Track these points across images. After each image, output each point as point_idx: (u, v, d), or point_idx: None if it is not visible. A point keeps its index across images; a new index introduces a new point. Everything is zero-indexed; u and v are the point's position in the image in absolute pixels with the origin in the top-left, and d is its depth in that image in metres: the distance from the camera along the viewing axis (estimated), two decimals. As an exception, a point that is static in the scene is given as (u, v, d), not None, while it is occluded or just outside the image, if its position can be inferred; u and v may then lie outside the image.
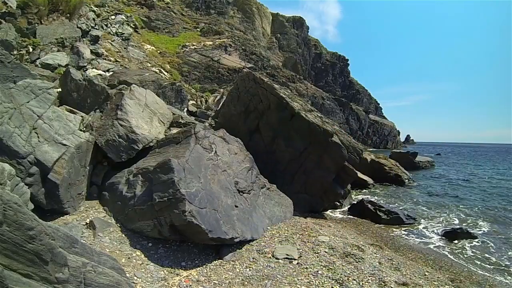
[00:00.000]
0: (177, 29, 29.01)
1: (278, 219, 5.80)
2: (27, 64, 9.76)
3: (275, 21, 51.47)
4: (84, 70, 11.57)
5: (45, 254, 1.90)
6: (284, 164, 7.84)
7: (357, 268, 4.00)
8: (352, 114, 47.77)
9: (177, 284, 3.34)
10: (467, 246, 6.52)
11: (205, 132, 5.64)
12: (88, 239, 3.93)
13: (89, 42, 14.40)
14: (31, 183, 4.13)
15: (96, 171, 5.57)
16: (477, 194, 13.10)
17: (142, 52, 19.47)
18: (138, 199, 4.43)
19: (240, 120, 8.51)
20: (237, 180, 5.39)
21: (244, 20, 43.04)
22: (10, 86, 4.83)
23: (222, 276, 3.62)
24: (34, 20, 12.24)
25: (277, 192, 6.68)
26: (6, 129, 4.17)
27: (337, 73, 55.54)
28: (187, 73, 23.43)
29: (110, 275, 2.41)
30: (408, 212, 9.17)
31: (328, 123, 8.29)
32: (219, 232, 3.97)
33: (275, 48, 46.39)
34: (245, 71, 11.85)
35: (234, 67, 26.98)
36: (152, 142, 5.98)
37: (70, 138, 4.90)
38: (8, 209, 1.78)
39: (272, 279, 3.58)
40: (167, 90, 12.96)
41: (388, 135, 56.08)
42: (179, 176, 4.09)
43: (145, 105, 6.68)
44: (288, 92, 9.64)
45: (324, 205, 7.94)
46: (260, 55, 33.11)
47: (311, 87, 40.75)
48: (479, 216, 9.18)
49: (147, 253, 3.92)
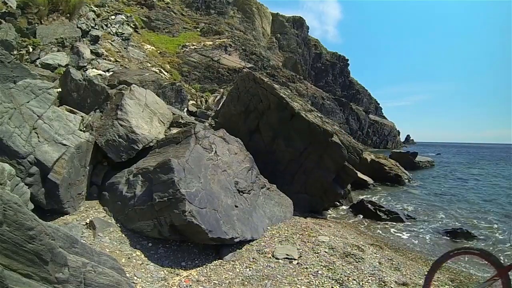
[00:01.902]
0: (177, 29, 29.00)
1: (278, 219, 5.80)
2: (27, 64, 9.75)
3: (275, 21, 51.45)
4: (84, 70, 11.57)
5: (45, 254, 1.90)
6: (284, 164, 7.84)
7: (357, 268, 4.00)
8: (352, 114, 47.77)
9: (177, 284, 3.33)
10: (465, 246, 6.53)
11: (205, 132, 5.63)
12: (88, 239, 3.93)
13: (89, 42, 14.40)
14: (31, 183, 4.13)
15: (96, 171, 5.57)
16: (477, 194, 13.10)
17: (142, 52, 19.47)
18: (138, 199, 4.43)
19: (240, 120, 8.51)
20: (237, 180, 5.39)
21: (244, 20, 43.03)
22: (10, 86, 4.83)
23: (222, 276, 3.62)
24: (34, 20, 12.24)
25: (277, 192, 6.67)
26: (6, 129, 4.17)
27: (337, 73, 55.51)
28: (187, 73, 23.43)
29: (110, 275, 2.41)
30: (408, 212, 9.18)
31: (328, 123, 8.28)
32: (219, 232, 3.97)
33: (275, 48, 46.37)
34: (245, 71, 11.84)
35: (234, 67, 26.97)
36: (152, 142, 5.98)
37: (70, 138, 4.90)
38: (8, 209, 1.78)
39: (272, 279, 3.58)
40: (167, 90, 12.96)
41: (388, 135, 56.08)
42: (179, 176, 4.09)
43: (145, 105, 6.68)
44: (288, 92, 9.64)
45: (324, 205, 7.94)
46: (260, 55, 33.10)
47: (311, 87, 40.75)
48: (479, 216, 9.18)
49: (147, 253, 3.92)
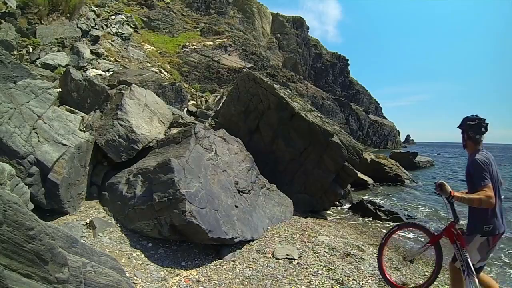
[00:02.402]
0: (177, 29, 29.02)
1: (278, 219, 5.80)
2: (27, 64, 9.76)
3: (275, 21, 51.45)
4: (84, 70, 11.57)
5: (45, 254, 1.90)
6: (284, 164, 7.84)
7: (357, 268, 4.00)
8: (352, 114, 47.78)
9: (177, 284, 3.33)
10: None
11: (205, 132, 5.63)
12: (88, 239, 3.93)
13: (89, 42, 14.41)
14: (31, 183, 4.13)
15: (96, 171, 5.57)
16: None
17: (142, 52, 19.47)
18: (138, 199, 4.43)
19: (240, 120, 8.51)
20: (237, 180, 5.39)
21: (244, 20, 43.03)
22: (10, 86, 4.83)
23: (222, 276, 3.62)
24: (34, 20, 12.25)
25: (277, 192, 6.67)
26: (6, 129, 4.17)
27: (337, 73, 55.51)
28: (187, 73, 23.43)
29: (110, 275, 2.41)
30: (408, 212, 9.17)
31: (328, 123, 8.28)
32: (219, 232, 3.97)
33: (275, 48, 46.38)
34: (245, 71, 11.84)
35: (234, 67, 26.98)
36: (152, 142, 5.98)
37: (70, 138, 4.90)
38: (8, 209, 1.78)
39: (272, 279, 3.57)
40: (167, 90, 12.97)
41: (388, 135, 56.11)
42: (179, 176, 4.09)
43: (145, 105, 6.68)
44: (288, 92, 9.63)
45: (324, 205, 7.93)
46: (260, 55, 33.11)
47: (311, 87, 40.78)
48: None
49: (147, 253, 3.92)
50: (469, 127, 2.79)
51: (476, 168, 2.59)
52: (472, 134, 2.78)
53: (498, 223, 2.60)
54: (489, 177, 2.54)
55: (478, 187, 2.51)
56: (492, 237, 2.61)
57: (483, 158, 2.63)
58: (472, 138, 2.78)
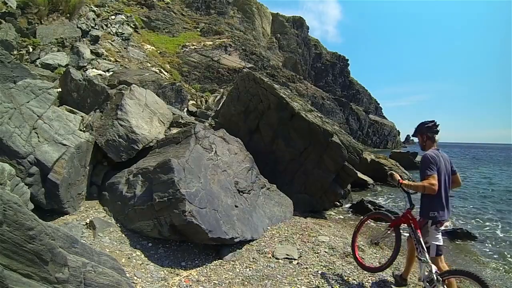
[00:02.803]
0: (177, 29, 29.03)
1: (278, 219, 5.80)
2: (27, 64, 9.76)
3: (275, 21, 51.46)
4: (84, 70, 11.58)
5: (45, 254, 1.90)
6: (284, 164, 7.84)
7: (357, 268, 4.00)
8: (352, 114, 47.77)
9: (177, 284, 3.33)
10: (467, 247, 6.52)
11: (205, 132, 5.63)
12: (88, 239, 3.93)
13: (89, 42, 14.41)
14: (31, 183, 4.13)
15: (96, 171, 5.57)
16: (476, 194, 13.10)
17: (142, 52, 19.48)
18: (138, 199, 4.43)
19: (240, 120, 8.51)
20: (237, 180, 5.38)
21: (244, 20, 43.03)
22: (10, 86, 4.83)
23: (222, 276, 3.62)
24: (34, 20, 12.25)
25: (277, 192, 6.67)
26: (6, 129, 4.17)
27: (337, 73, 55.51)
28: (187, 73, 23.44)
29: (110, 275, 2.41)
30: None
31: (328, 123, 8.28)
32: (219, 232, 3.97)
33: (275, 48, 46.38)
34: (245, 71, 11.84)
35: (234, 67, 26.98)
36: (152, 142, 5.98)
37: (70, 138, 4.90)
38: (8, 209, 1.78)
39: (272, 279, 3.57)
40: (167, 90, 12.97)
41: (388, 135, 56.09)
42: (179, 176, 4.09)
43: (145, 105, 6.68)
44: (288, 92, 9.63)
45: (324, 205, 7.93)
46: (260, 55, 33.11)
47: (311, 87, 40.78)
48: (479, 216, 9.17)
49: (147, 253, 3.92)
50: (428, 129, 3.25)
51: (424, 161, 3.04)
52: (431, 135, 3.25)
53: (442, 212, 3.01)
54: (436, 169, 2.95)
55: (424, 176, 2.96)
56: (439, 222, 3.04)
57: (431, 153, 3.07)
58: (431, 138, 3.26)
